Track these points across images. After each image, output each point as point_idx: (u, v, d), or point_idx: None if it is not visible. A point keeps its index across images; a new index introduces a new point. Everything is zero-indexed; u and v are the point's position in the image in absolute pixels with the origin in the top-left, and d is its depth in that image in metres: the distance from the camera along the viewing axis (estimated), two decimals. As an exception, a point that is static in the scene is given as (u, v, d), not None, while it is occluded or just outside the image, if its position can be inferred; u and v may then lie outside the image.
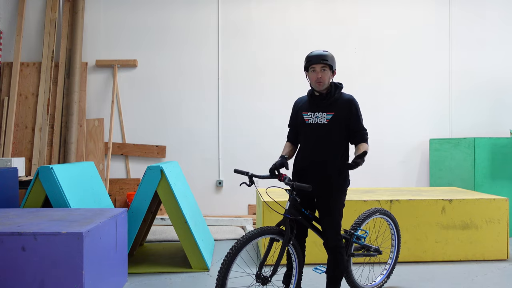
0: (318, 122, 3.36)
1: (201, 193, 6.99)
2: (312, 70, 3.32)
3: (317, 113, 3.38)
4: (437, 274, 4.48)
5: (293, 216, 3.20)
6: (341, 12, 7.31)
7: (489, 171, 6.21)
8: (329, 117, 3.34)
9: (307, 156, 3.42)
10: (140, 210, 4.57)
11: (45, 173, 4.21)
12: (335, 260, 3.36)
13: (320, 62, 3.28)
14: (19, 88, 6.85)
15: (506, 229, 4.94)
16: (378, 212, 3.91)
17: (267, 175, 3.32)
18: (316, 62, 3.28)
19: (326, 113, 3.36)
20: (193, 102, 7.16)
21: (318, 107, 3.39)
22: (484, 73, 7.39)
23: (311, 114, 3.40)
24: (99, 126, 6.99)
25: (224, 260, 2.96)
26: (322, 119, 3.35)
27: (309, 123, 3.39)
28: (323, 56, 3.30)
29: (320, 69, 3.29)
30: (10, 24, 7.04)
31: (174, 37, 7.18)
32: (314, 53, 3.34)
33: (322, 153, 3.35)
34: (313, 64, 3.30)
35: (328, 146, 3.35)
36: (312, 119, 3.39)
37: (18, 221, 3.40)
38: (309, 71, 3.35)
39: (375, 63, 7.31)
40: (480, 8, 7.39)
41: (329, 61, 3.29)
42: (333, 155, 3.37)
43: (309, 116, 3.40)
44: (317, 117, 3.37)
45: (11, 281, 3.00)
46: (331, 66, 3.31)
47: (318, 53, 3.33)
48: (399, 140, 7.30)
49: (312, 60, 3.31)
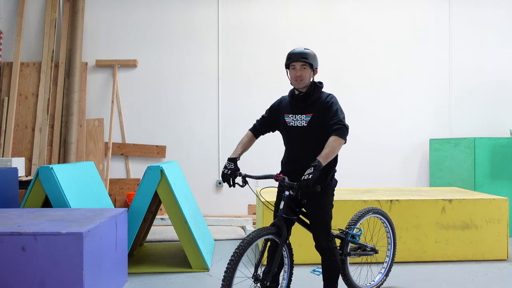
0: (298, 125, 3.28)
1: (201, 193, 6.99)
2: (292, 68, 3.25)
3: (297, 115, 3.29)
4: (437, 274, 4.48)
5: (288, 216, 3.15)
6: (341, 12, 7.31)
7: (489, 171, 6.21)
8: (308, 119, 3.25)
9: (292, 160, 3.36)
10: (140, 210, 4.57)
11: (45, 173, 4.21)
12: (329, 261, 3.31)
13: (300, 60, 3.20)
14: (19, 88, 6.86)
15: (506, 229, 4.94)
16: (371, 211, 3.90)
17: (262, 175, 3.25)
18: (296, 59, 3.21)
19: (305, 115, 3.26)
20: (193, 102, 7.16)
21: (298, 108, 3.30)
22: (484, 73, 7.39)
23: (292, 116, 3.31)
24: (99, 126, 6.99)
25: (231, 260, 2.87)
26: (302, 121, 3.27)
27: (290, 125, 3.31)
28: (304, 54, 3.22)
29: (300, 67, 3.21)
30: (10, 24, 7.04)
31: (174, 37, 7.18)
32: (295, 51, 3.26)
33: (306, 156, 3.20)
34: (293, 61, 3.22)
35: (311, 149, 3.22)
36: (293, 122, 3.31)
37: (18, 221, 3.40)
38: (290, 69, 3.28)
39: (375, 63, 7.31)
40: (480, 8, 7.39)
41: (309, 59, 3.20)
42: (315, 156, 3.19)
43: (291, 118, 3.32)
44: (297, 120, 3.29)
45: (11, 281, 3.00)
46: (312, 65, 3.23)
47: (298, 50, 3.25)
48: (399, 140, 7.30)
49: (292, 57, 3.23)
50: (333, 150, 3.09)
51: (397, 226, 4.82)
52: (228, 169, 3.26)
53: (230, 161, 3.31)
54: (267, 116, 3.52)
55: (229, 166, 3.27)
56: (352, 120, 7.38)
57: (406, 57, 7.33)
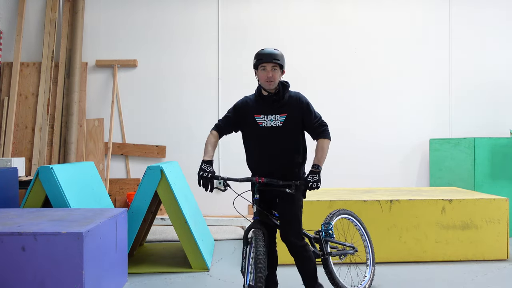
0: (273, 125, 3.24)
1: (201, 193, 6.95)
2: (262, 69, 3.20)
3: (270, 116, 3.25)
4: (437, 274, 4.48)
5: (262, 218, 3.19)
6: (341, 12, 7.31)
7: (489, 171, 6.21)
8: (282, 119, 3.24)
9: (266, 161, 3.29)
10: (140, 210, 4.57)
11: (45, 173, 4.21)
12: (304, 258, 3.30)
13: (272, 61, 3.17)
14: (19, 88, 6.85)
15: (506, 229, 4.93)
16: (339, 213, 3.85)
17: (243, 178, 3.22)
18: (267, 60, 3.17)
19: (279, 115, 3.25)
20: (193, 102, 7.16)
21: (271, 109, 3.26)
22: (484, 73, 7.39)
23: (264, 117, 3.26)
24: (99, 126, 6.99)
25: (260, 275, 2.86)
26: (276, 121, 3.24)
27: (263, 126, 3.25)
28: (275, 55, 3.19)
29: (271, 68, 3.18)
30: (10, 24, 7.04)
31: (174, 37, 7.18)
32: (265, 51, 3.22)
33: (280, 157, 3.25)
34: (263, 62, 3.18)
35: (286, 149, 3.26)
36: (266, 122, 3.25)
37: (18, 221, 3.40)
38: (259, 69, 3.22)
39: (375, 63, 7.31)
40: (480, 8, 7.39)
41: (280, 61, 3.19)
42: (292, 157, 3.29)
43: (262, 119, 3.26)
44: (271, 120, 3.25)
45: (11, 281, 3.00)
46: (282, 66, 3.22)
47: (269, 51, 3.21)
48: (399, 140, 7.30)
49: (263, 58, 3.18)
50: (325, 152, 3.26)
51: (397, 226, 4.82)
52: (207, 172, 3.13)
53: (208, 164, 3.18)
54: (232, 116, 3.41)
55: (208, 169, 3.15)
56: (352, 120, 7.43)
57: (406, 57, 7.33)
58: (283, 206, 3.28)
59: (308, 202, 4.64)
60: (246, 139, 3.40)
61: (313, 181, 3.16)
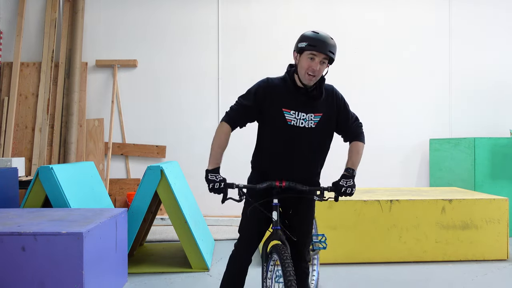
0: (306, 125, 2.66)
1: (201, 193, 6.96)
2: (310, 57, 2.56)
3: (303, 113, 2.65)
4: (437, 274, 4.48)
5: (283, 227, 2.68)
6: (341, 12, 7.31)
7: (489, 171, 6.21)
8: (317, 119, 2.67)
9: (283, 165, 2.70)
10: (140, 210, 4.57)
11: (45, 173, 4.20)
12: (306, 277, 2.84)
13: (326, 53, 2.54)
14: (19, 88, 6.85)
15: (506, 229, 4.93)
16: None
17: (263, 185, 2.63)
18: (321, 50, 2.52)
19: (314, 114, 2.67)
20: (193, 102, 7.16)
21: (304, 105, 2.66)
22: (484, 73, 7.39)
23: (295, 113, 2.65)
24: (99, 126, 6.99)
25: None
26: (310, 121, 2.66)
27: (292, 124, 2.64)
28: (331, 47, 2.56)
29: (320, 60, 2.56)
30: (10, 24, 7.04)
31: (174, 37, 7.18)
32: (322, 37, 2.55)
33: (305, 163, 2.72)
34: (316, 50, 2.53)
35: (313, 154, 2.74)
36: (296, 120, 2.65)
37: (18, 221, 3.40)
38: (304, 55, 2.58)
39: (375, 63, 7.31)
40: (480, 8, 7.39)
41: (334, 55, 2.59)
42: (317, 164, 2.80)
43: (293, 116, 2.65)
44: (304, 119, 2.66)
45: (11, 281, 3.00)
46: (332, 60, 2.62)
47: (326, 38, 2.56)
48: (399, 140, 7.30)
49: (317, 45, 2.53)
50: (361, 157, 2.80)
51: (397, 226, 4.82)
52: (218, 182, 2.56)
53: (215, 173, 2.62)
54: (251, 105, 2.69)
55: (218, 178, 2.58)
56: (352, 120, 7.41)
57: (406, 57, 7.33)
58: (299, 219, 2.79)
59: (308, 202, 4.64)
60: (264, 133, 2.76)
61: (346, 186, 2.63)
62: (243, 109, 2.71)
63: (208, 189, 2.58)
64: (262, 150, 2.80)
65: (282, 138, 2.68)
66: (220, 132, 2.72)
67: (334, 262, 4.76)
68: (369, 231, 4.80)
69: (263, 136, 2.77)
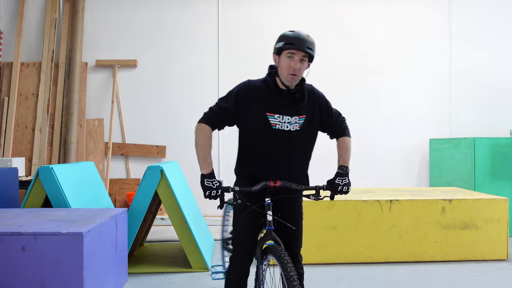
0: (291, 129, 2.60)
1: (201, 193, 6.96)
2: (288, 56, 2.49)
3: (287, 117, 2.59)
4: (437, 274, 4.48)
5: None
6: (341, 12, 7.31)
7: (489, 171, 6.21)
8: (301, 122, 2.61)
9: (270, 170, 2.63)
10: (140, 210, 4.57)
11: (45, 173, 4.21)
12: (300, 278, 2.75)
13: (304, 50, 2.46)
14: (19, 88, 6.86)
15: (506, 229, 4.94)
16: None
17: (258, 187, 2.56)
18: (299, 48, 2.46)
19: (298, 116, 2.61)
20: (193, 102, 7.16)
21: (288, 108, 2.59)
22: (484, 73, 7.39)
23: (279, 117, 2.58)
24: (99, 126, 6.99)
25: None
26: (295, 124, 2.60)
27: (276, 128, 2.57)
28: (309, 43, 2.48)
29: (300, 59, 2.49)
30: (10, 24, 7.04)
31: (174, 37, 7.18)
32: (298, 35, 2.48)
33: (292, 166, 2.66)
34: (294, 49, 2.47)
35: (299, 157, 2.70)
36: (280, 124, 2.58)
37: (18, 221, 3.40)
38: (283, 56, 2.52)
39: (375, 63, 7.30)
40: (480, 8, 7.39)
41: (313, 51, 2.51)
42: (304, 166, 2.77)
43: (277, 119, 2.57)
44: (289, 122, 2.59)
45: (11, 281, 3.00)
46: (312, 58, 2.54)
47: (302, 36, 2.48)
48: (399, 140, 7.30)
49: (295, 43, 2.46)
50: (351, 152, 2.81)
51: (397, 226, 4.82)
52: (215, 189, 2.50)
53: (211, 178, 2.52)
54: (231, 109, 2.65)
55: (214, 184, 2.50)
56: (352, 119, 7.38)
57: (406, 57, 7.33)
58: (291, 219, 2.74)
59: (307, 202, 4.63)
60: (249, 138, 2.67)
61: (342, 185, 2.65)
62: (222, 112, 2.67)
63: (204, 195, 2.52)
64: (247, 155, 2.73)
65: (266, 143, 2.62)
66: (203, 134, 2.63)
67: (334, 262, 4.76)
68: (369, 231, 4.80)
69: (247, 141, 2.70)
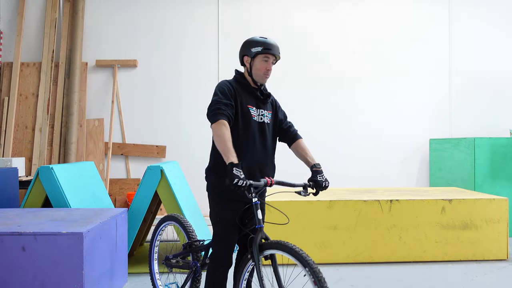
0: (265, 121, 2.93)
1: (201, 193, 6.97)
2: (264, 60, 2.84)
3: (261, 110, 2.91)
4: (437, 274, 4.49)
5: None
6: (341, 12, 7.31)
7: (489, 171, 6.21)
8: (270, 116, 2.97)
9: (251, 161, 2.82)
10: (140, 210, 4.57)
11: (45, 173, 4.21)
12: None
13: (278, 54, 2.87)
14: (19, 88, 6.86)
15: (506, 229, 4.94)
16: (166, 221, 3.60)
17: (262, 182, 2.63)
18: (274, 52, 2.85)
19: (267, 111, 2.96)
20: (193, 102, 7.16)
21: (262, 102, 2.94)
22: (484, 73, 7.39)
23: (256, 110, 2.89)
24: (99, 126, 6.99)
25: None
26: (266, 118, 2.93)
27: (255, 120, 2.87)
28: (278, 49, 2.91)
29: (271, 62, 2.88)
30: (10, 24, 7.04)
31: (174, 37, 7.18)
32: (272, 42, 2.88)
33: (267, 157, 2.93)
34: (270, 54, 2.84)
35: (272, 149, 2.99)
36: (258, 116, 2.89)
37: (18, 221, 3.40)
38: (257, 59, 2.86)
39: (375, 63, 7.31)
40: (480, 8, 7.39)
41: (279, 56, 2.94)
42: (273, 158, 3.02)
43: (255, 112, 2.89)
44: (263, 115, 2.92)
45: (11, 281, 3.00)
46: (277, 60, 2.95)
47: (274, 43, 2.90)
48: (399, 140, 7.30)
49: (271, 49, 2.84)
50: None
51: (397, 226, 4.82)
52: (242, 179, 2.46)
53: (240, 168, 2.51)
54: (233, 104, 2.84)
55: (241, 175, 2.47)
56: (352, 119, 7.43)
57: (406, 57, 7.33)
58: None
59: (307, 202, 4.64)
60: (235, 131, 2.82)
61: (324, 180, 2.91)
62: (229, 109, 2.79)
63: (231, 183, 2.42)
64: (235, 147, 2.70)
65: (248, 134, 2.84)
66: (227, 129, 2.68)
67: (334, 262, 4.77)
68: (369, 231, 4.80)
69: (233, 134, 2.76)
